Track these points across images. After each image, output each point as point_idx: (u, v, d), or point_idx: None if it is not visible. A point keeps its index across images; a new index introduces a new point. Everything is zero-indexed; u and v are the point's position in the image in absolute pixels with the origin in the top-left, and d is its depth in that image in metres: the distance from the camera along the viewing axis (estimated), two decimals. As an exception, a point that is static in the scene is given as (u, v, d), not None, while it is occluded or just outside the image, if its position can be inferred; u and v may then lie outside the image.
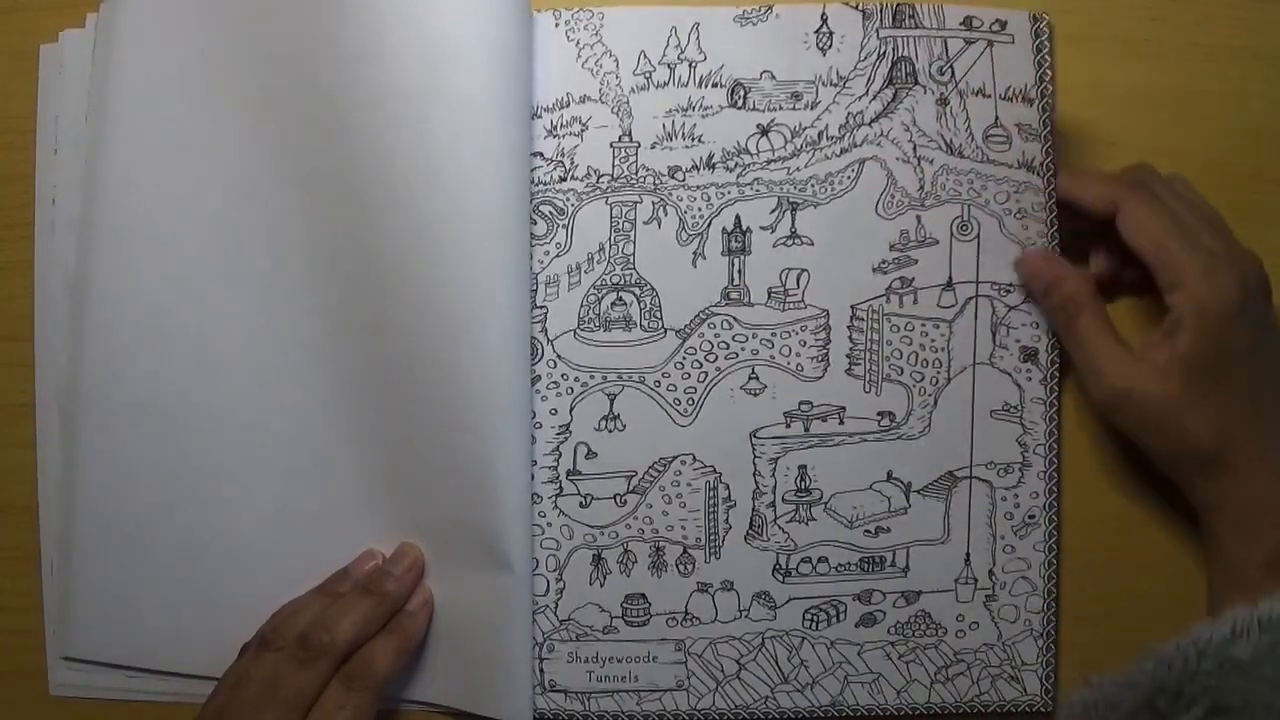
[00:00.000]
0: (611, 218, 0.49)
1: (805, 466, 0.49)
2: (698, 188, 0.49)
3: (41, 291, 0.51)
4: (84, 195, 0.50)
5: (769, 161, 0.49)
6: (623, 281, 0.49)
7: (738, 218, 0.49)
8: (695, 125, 0.49)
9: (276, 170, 0.49)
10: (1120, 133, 0.50)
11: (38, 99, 0.51)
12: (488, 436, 0.46)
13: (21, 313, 0.51)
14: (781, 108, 0.49)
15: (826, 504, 0.49)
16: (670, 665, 0.49)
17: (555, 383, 0.49)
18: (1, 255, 0.51)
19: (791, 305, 0.49)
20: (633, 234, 0.49)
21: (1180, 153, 0.50)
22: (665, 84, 0.49)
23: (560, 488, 0.49)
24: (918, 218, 0.49)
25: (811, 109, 0.49)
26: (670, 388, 0.49)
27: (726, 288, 0.49)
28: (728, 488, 0.49)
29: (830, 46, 0.49)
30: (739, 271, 0.49)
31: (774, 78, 0.49)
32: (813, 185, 0.49)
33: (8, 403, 0.51)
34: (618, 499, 0.49)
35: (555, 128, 0.49)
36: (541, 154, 0.49)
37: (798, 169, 0.49)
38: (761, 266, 0.49)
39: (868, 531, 0.49)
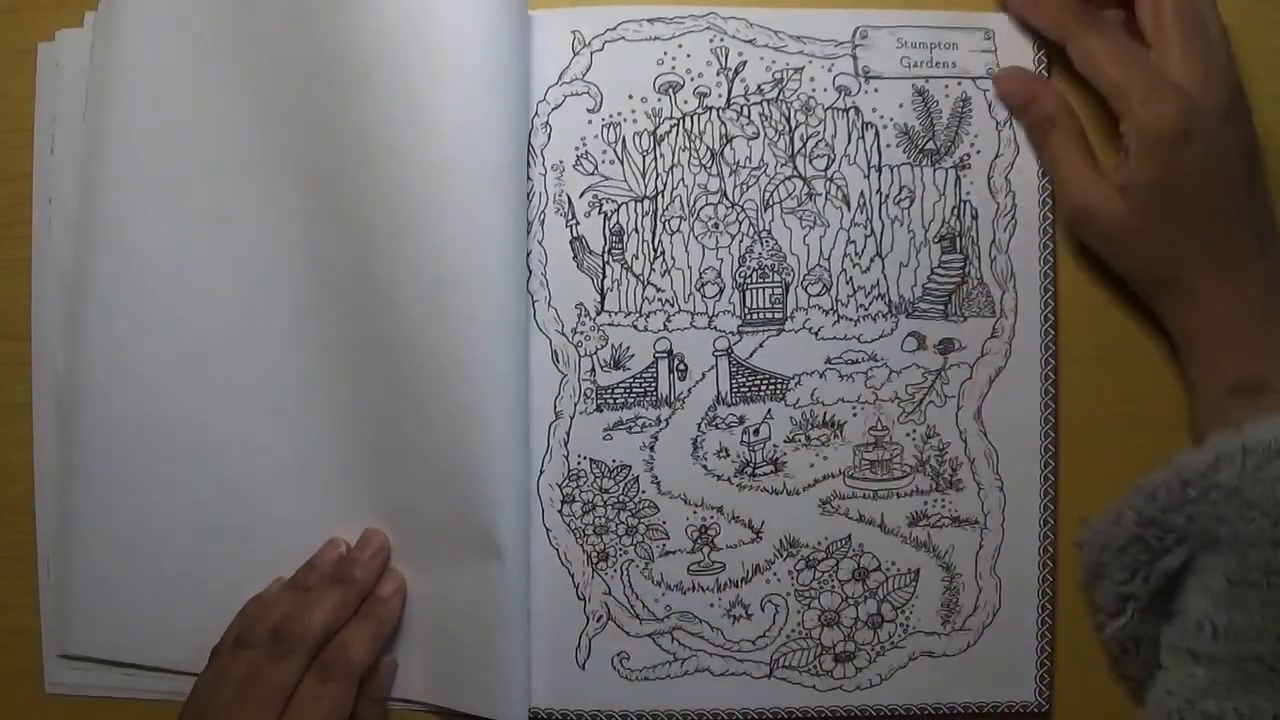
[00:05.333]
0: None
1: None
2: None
3: (39, 291, 0.51)
4: (81, 194, 0.50)
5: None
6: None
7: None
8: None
9: (275, 169, 0.49)
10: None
11: (35, 98, 0.51)
12: (476, 420, 0.46)
13: (19, 312, 0.51)
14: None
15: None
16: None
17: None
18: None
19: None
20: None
21: (1179, 153, 0.49)
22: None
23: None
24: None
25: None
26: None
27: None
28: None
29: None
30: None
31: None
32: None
33: (5, 401, 0.51)
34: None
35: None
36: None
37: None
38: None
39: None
